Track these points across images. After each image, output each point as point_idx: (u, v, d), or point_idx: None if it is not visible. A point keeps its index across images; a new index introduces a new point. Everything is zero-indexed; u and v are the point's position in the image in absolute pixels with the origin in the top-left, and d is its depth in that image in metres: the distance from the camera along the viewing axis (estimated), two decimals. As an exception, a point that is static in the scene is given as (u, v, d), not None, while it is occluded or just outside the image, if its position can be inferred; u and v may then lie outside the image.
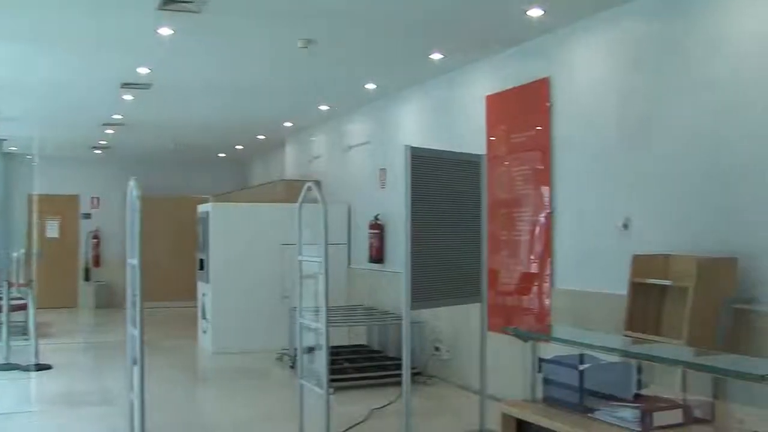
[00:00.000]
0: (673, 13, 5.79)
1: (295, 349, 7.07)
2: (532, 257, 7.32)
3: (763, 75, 5.04)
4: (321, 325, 5.81)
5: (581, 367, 3.81)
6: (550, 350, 4.61)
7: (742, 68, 5.20)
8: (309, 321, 6.14)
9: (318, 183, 12.58)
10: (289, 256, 6.81)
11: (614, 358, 4.26)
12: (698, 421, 3.78)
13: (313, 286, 6.19)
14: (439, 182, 5.87)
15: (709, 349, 4.87)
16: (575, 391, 3.91)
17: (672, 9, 5.81)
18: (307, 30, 7.10)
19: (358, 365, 9.11)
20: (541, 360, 3.98)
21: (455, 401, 7.98)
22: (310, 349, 6.29)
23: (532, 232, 7.31)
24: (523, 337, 3.73)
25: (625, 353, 3.45)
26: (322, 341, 5.76)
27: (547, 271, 7.08)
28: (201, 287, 11.87)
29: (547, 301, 7.08)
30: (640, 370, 4.06)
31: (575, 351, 4.09)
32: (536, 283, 7.25)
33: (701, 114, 5.50)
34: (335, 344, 9.32)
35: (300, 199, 6.29)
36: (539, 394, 4.17)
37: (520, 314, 7.43)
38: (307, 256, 6.20)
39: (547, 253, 7.09)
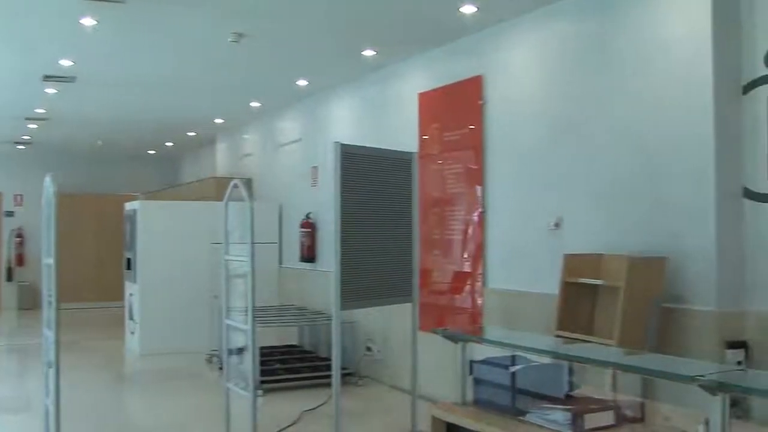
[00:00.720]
0: (602, 13, 5.79)
1: (238, 350, 6.88)
2: (464, 256, 7.26)
3: (689, 75, 5.06)
4: (247, 326, 5.63)
5: (512, 369, 3.73)
6: (482, 351, 4.54)
7: (669, 69, 5.21)
8: (235, 322, 5.95)
9: (249, 181, 12.62)
10: (219, 255, 6.62)
11: (546, 360, 4.20)
12: (629, 421, 3.73)
13: (242, 286, 6.00)
14: (370, 180, 5.75)
15: (640, 348, 4.88)
16: (506, 393, 3.82)
17: (600, 9, 5.81)
18: (238, 24, 6.92)
19: (290, 366, 8.96)
20: (471, 362, 3.89)
21: (387, 402, 7.89)
22: (239, 351, 6.11)
23: (465, 231, 7.25)
24: (453, 338, 3.64)
25: (555, 354, 3.39)
26: (249, 343, 5.59)
27: (480, 271, 7.03)
28: (128, 287, 11.55)
29: (479, 301, 7.03)
30: (571, 371, 4.00)
31: (507, 352, 4.01)
32: (469, 283, 7.19)
33: (630, 114, 5.51)
34: (266, 345, 9.19)
35: (226, 197, 6.10)
36: (470, 397, 4.07)
37: (452, 314, 7.37)
38: (234, 255, 6.01)
39: (479, 252, 7.04)
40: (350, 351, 8.83)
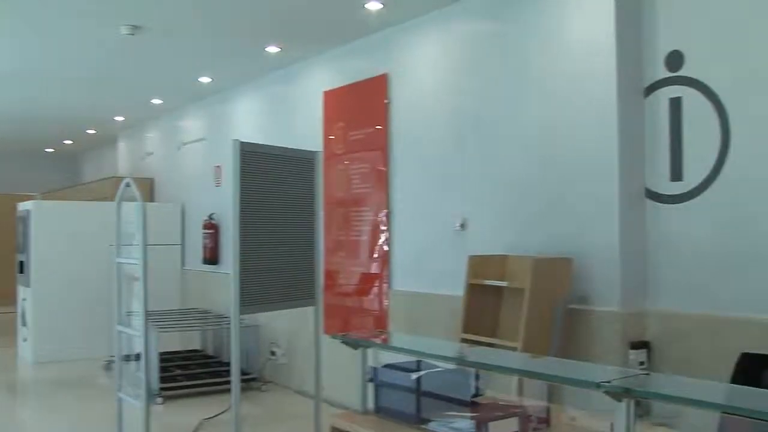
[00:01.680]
0: (506, 13, 5.74)
1: (127, 356, 6.57)
2: (370, 258, 7.13)
3: (593, 77, 5.03)
4: (140, 332, 5.37)
5: (414, 376, 3.60)
6: (389, 355, 4.41)
7: (573, 70, 5.18)
8: (127, 328, 5.68)
9: (151, 181, 12.24)
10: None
11: (450, 364, 4.09)
12: (535, 426, 3.65)
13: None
14: (271, 180, 5.57)
15: (545, 350, 4.84)
16: (408, 400, 3.70)
17: (505, 9, 5.76)
18: (134, 15, 6.61)
19: (191, 372, 8.66)
20: (372, 368, 3.75)
21: (292, 408, 7.69)
22: (137, 357, 5.84)
23: (371, 232, 7.12)
24: (352, 344, 3.49)
25: (456, 360, 3.26)
26: (141, 349, 5.32)
27: (385, 273, 6.90)
28: (21, 291, 11.01)
29: (385, 303, 6.90)
30: (477, 375, 3.90)
31: (412, 357, 3.88)
32: (375, 285, 7.06)
33: (536, 114, 5.47)
34: (167, 350, 8.89)
35: (118, 197, 5.81)
36: (372, 405, 3.93)
37: (358, 316, 7.24)
38: (127, 257, 5.73)
39: (385, 254, 6.92)
40: (254, 355, 8.63)
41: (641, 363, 4.77)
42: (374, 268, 7.08)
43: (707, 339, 4.52)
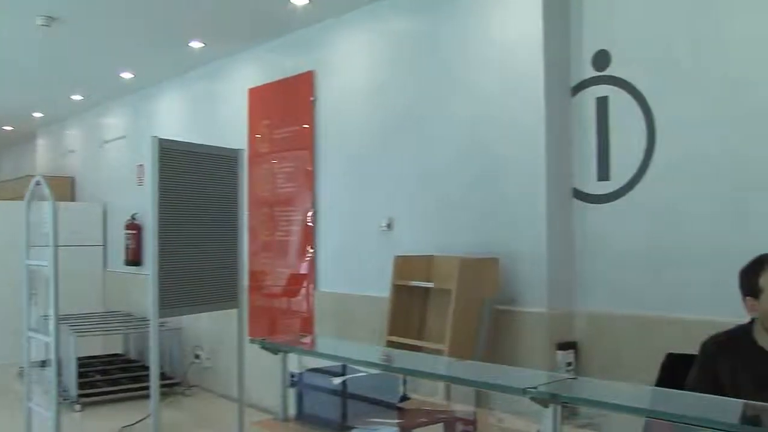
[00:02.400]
0: (434, 11, 5.65)
1: (42, 362, 6.30)
2: (296, 259, 6.98)
3: (521, 76, 4.97)
4: (50, 338, 5.13)
5: (336, 381, 3.47)
6: (313, 360, 4.27)
7: (501, 69, 5.12)
8: (38, 333, 5.42)
9: (72, 179, 11.84)
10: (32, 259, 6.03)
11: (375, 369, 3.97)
12: (461, 431, 3.57)
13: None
14: (193, 178, 5.39)
15: (473, 352, 4.76)
16: (331, 407, 3.57)
17: (433, 7, 5.66)
18: (48, 5, 6.32)
19: (111, 377, 8.38)
20: (292, 373, 3.61)
21: (216, 412, 7.48)
22: (46, 364, 5.59)
23: (297, 232, 6.97)
24: (272, 349, 3.35)
25: (379, 366, 3.14)
26: (51, 355, 5.08)
27: (312, 274, 6.76)
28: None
29: (311, 305, 6.76)
30: (404, 379, 3.79)
31: (335, 362, 3.74)
32: (302, 286, 6.91)
33: (463, 114, 5.39)
34: (87, 355, 8.58)
35: (27, 196, 5.54)
36: (293, 411, 3.78)
37: (285, 318, 7.09)
38: (37, 259, 5.47)
39: (311, 254, 6.77)
40: (177, 359, 8.40)
41: (569, 364, 4.75)
42: (301, 269, 6.93)
43: (634, 339, 4.50)
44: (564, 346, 4.76)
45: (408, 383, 3.84)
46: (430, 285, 5.10)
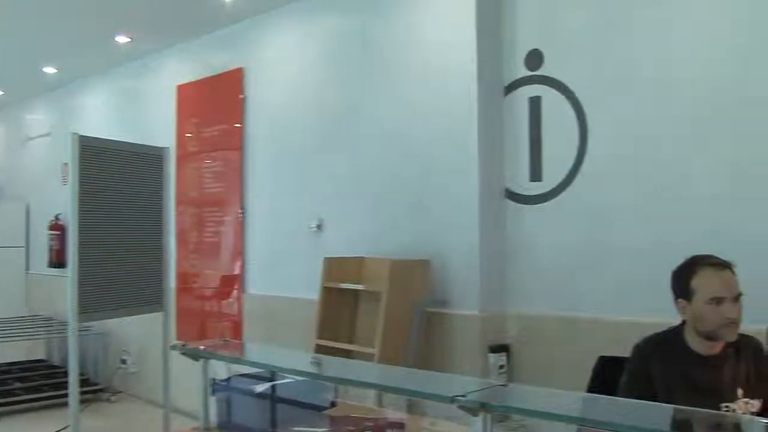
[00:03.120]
0: (366, 9, 5.55)
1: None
2: (225, 261, 6.81)
3: (454, 76, 4.89)
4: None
5: (259, 389, 3.33)
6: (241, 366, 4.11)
7: (434, 68, 5.04)
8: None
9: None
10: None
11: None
12: (390, 437, 3.46)
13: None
14: (116, 177, 5.21)
15: (404, 356, 4.68)
16: (255, 415, 3.43)
17: (364, 5, 5.57)
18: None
19: (32, 384, 8.07)
20: (214, 380, 3.46)
21: (142, 419, 7.25)
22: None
23: (226, 233, 6.79)
24: (192, 355, 3.20)
25: (305, 374, 3.02)
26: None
27: (241, 276, 6.60)
28: None
29: (240, 308, 6.60)
30: (335, 386, 3.66)
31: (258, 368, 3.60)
32: (231, 288, 6.75)
33: (395, 112, 5.30)
34: (8, 361, 8.29)
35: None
36: (215, 420, 3.63)
37: (213, 321, 6.91)
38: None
39: (240, 256, 6.61)
40: (102, 364, 8.15)
41: (501, 366, 4.70)
42: (230, 271, 6.76)
43: (567, 341, 4.46)
44: (496, 348, 4.71)
45: (339, 388, 3.72)
46: (360, 287, 4.99)
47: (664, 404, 2.44)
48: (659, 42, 4.19)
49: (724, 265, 2.76)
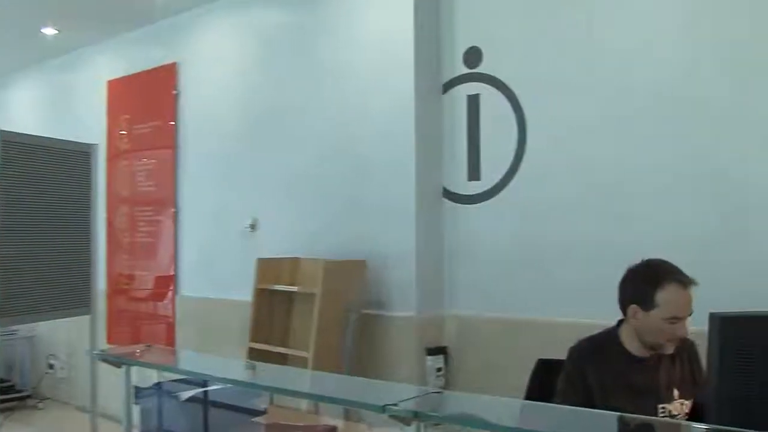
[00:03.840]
0: (302, 4, 5.43)
1: None
2: (159, 262, 6.61)
3: (391, 73, 4.80)
4: None
5: (186, 395, 3.18)
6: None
7: (371, 66, 4.93)
8: None
9: None
10: None
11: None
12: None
13: None
14: (40, 174, 4.98)
15: (339, 360, 4.57)
16: (181, 423, 3.28)
17: (301, 0, 5.44)
18: None
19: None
20: (137, 388, 3.30)
21: (69, 427, 6.99)
22: None
23: (159, 234, 6.59)
24: (114, 362, 3.04)
25: (232, 381, 2.87)
26: None
27: (174, 277, 6.41)
28: None
29: (173, 310, 6.41)
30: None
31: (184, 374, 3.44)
32: (164, 290, 6.55)
33: (332, 111, 5.18)
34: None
35: None
36: (143, 427, 3.47)
37: (149, 324, 6.70)
38: None
39: (173, 257, 6.41)
40: (29, 369, 7.84)
41: (438, 369, 4.63)
42: (164, 272, 6.56)
43: (505, 342, 4.40)
44: (434, 351, 4.64)
45: (273, 394, 3.59)
46: (294, 289, 4.86)
47: (599, 411, 2.37)
48: (598, 41, 4.15)
49: (690, 283, 2.67)
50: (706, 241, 3.69)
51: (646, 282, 2.70)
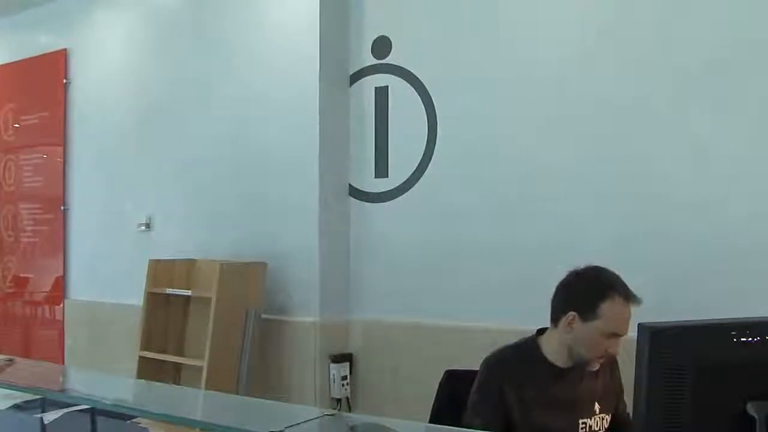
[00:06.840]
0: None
1: None
2: (46, 263, 6.22)
3: (295, 66, 4.57)
4: None
5: (48, 419, 2.80)
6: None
7: (272, 53, 4.70)
8: None
9: None
10: None
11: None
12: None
13: None
14: None
15: (236, 369, 4.32)
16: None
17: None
18: None
19: None
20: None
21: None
22: None
23: (46, 233, 6.18)
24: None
25: (99, 409, 2.50)
26: None
27: (63, 280, 6.01)
28: None
29: (61, 315, 6.01)
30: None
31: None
32: (52, 294, 6.17)
33: (231, 105, 4.91)
34: None
35: None
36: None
37: (34, 330, 6.31)
38: None
39: (62, 258, 6.00)
40: None
41: (344, 378, 4.44)
42: (52, 274, 6.15)
43: (413, 349, 4.23)
44: (338, 358, 4.46)
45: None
46: (188, 293, 4.56)
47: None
48: (513, 34, 4.00)
49: (636, 302, 2.46)
50: (619, 241, 3.55)
51: (591, 290, 2.47)
